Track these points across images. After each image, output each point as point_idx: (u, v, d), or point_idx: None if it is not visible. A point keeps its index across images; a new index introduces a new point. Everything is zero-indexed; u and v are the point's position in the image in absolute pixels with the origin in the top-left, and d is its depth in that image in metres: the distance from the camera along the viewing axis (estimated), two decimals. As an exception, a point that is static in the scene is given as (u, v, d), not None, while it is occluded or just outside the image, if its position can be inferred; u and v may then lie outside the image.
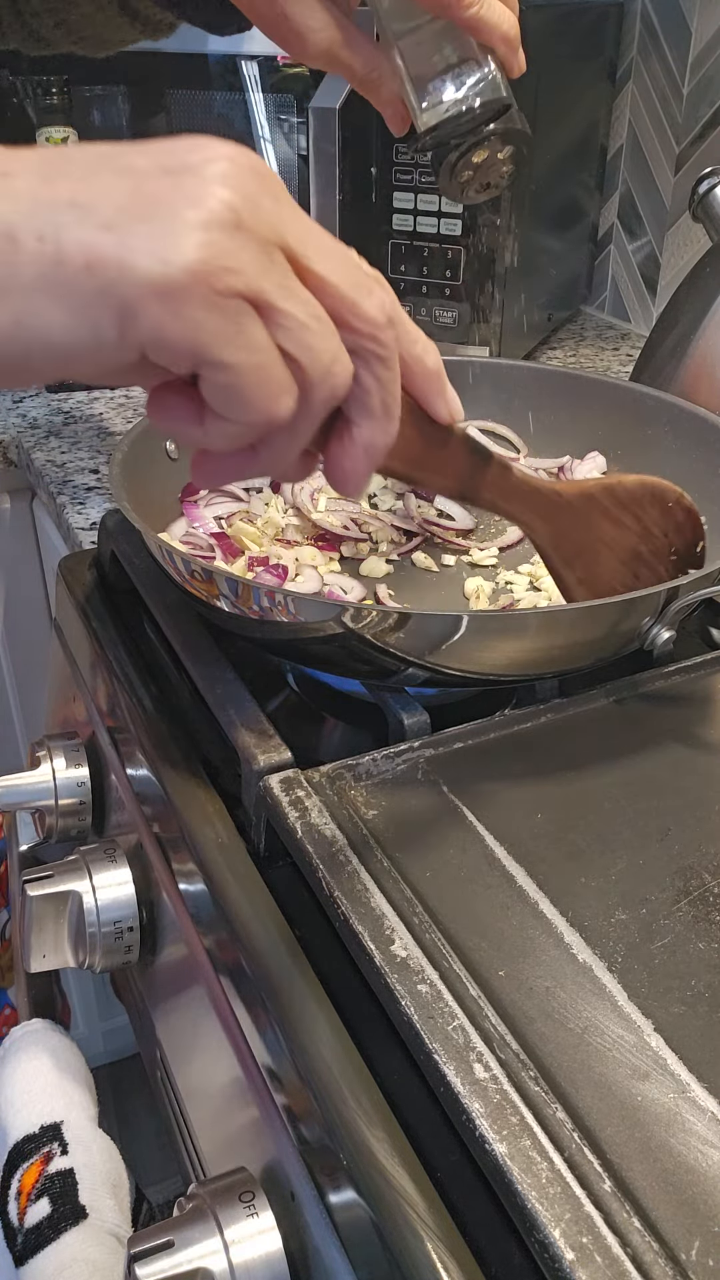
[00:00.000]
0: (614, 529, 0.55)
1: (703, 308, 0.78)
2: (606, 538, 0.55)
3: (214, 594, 0.53)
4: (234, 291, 0.33)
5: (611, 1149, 0.34)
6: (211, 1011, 0.49)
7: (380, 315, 0.37)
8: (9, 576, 1.10)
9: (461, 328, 1.00)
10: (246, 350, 0.34)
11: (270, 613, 0.51)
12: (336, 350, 0.37)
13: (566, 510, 0.54)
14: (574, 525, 0.54)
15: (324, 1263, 0.38)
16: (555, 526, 0.54)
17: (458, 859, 0.45)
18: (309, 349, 0.35)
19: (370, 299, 0.37)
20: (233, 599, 0.52)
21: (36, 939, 0.59)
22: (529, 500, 0.52)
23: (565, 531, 0.54)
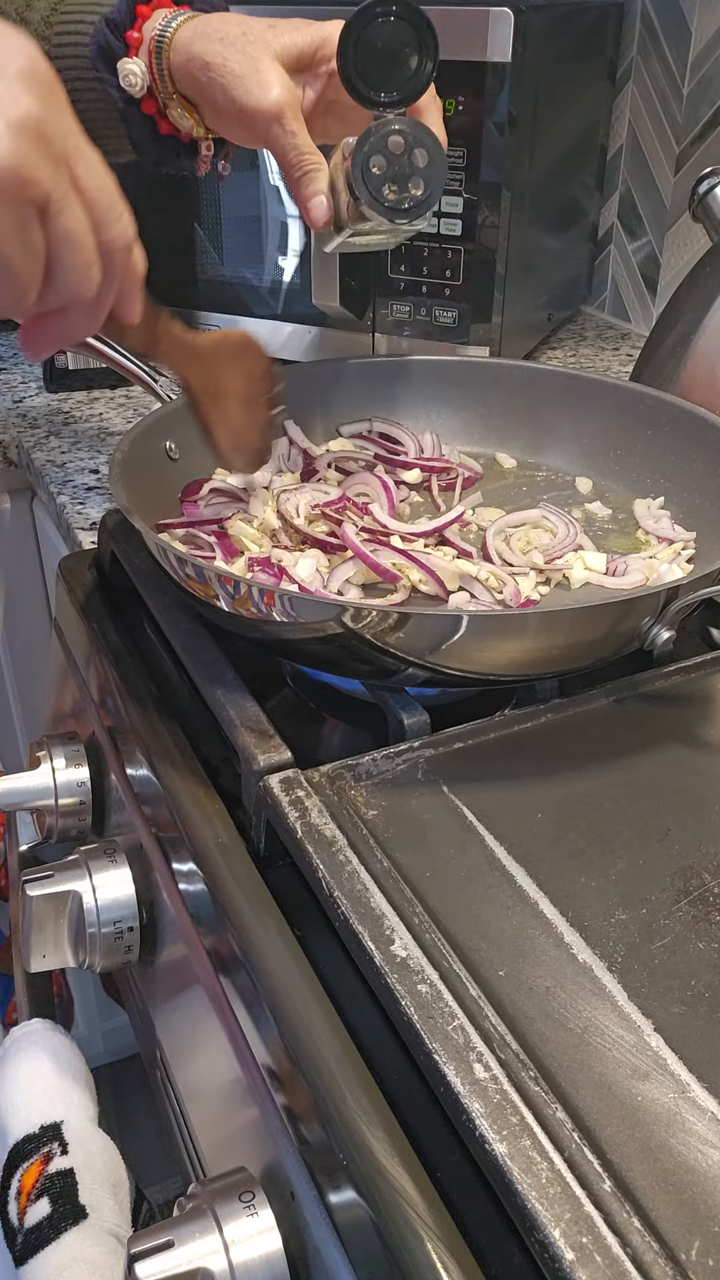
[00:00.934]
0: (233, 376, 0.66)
1: (703, 308, 0.78)
2: (230, 384, 0.66)
3: (213, 594, 0.53)
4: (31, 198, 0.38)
5: (611, 1149, 0.34)
6: (211, 1011, 0.49)
7: (121, 238, 0.44)
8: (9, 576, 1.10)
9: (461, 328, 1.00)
10: (20, 247, 0.39)
11: (270, 613, 0.51)
12: (93, 264, 0.43)
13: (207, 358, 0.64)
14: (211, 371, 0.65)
15: (324, 1263, 0.38)
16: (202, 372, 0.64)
17: (458, 859, 0.45)
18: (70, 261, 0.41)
19: (119, 222, 0.43)
20: (231, 599, 0.52)
21: (36, 939, 0.59)
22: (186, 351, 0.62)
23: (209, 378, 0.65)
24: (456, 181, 0.94)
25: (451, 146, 0.93)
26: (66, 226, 0.40)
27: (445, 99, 0.91)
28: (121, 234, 0.44)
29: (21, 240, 0.39)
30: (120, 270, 0.46)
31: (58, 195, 0.39)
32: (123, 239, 0.44)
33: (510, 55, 0.87)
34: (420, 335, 1.02)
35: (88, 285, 0.43)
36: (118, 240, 0.44)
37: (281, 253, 1.05)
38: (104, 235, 0.43)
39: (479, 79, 0.89)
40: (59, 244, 0.41)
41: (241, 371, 0.67)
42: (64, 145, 0.40)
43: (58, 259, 0.41)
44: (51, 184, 0.39)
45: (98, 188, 0.42)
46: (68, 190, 0.40)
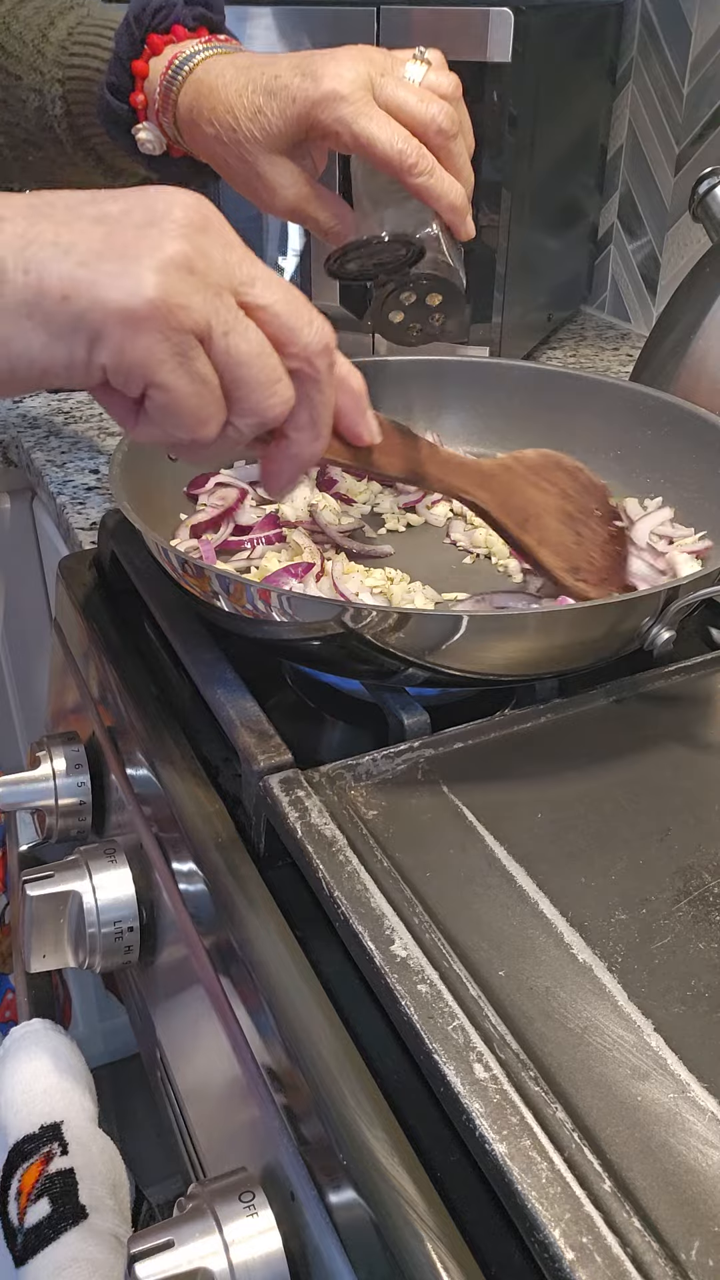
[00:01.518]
0: (539, 494, 0.62)
1: (703, 308, 0.78)
2: (538, 501, 0.61)
3: (214, 594, 0.53)
4: (184, 326, 0.39)
5: (611, 1149, 0.34)
6: (211, 1011, 0.49)
7: (318, 343, 0.44)
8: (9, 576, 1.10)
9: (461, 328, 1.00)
10: (187, 378, 0.40)
11: (269, 613, 0.51)
12: (277, 382, 0.43)
13: (495, 479, 0.60)
14: (508, 492, 0.61)
15: (324, 1263, 0.38)
16: (495, 495, 0.60)
17: (458, 859, 0.45)
18: (246, 383, 0.42)
19: (309, 329, 0.43)
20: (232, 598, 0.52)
21: (36, 939, 0.59)
22: (465, 473, 0.59)
23: (504, 498, 0.60)
24: (456, 181, 0.94)
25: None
26: (233, 347, 0.41)
27: (445, 99, 0.91)
28: (315, 340, 0.44)
29: (185, 370, 0.40)
30: (325, 377, 0.45)
31: (218, 319, 0.40)
32: (318, 344, 0.44)
33: (510, 55, 0.87)
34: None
35: (275, 401, 0.43)
36: (312, 346, 0.43)
37: (281, 253, 1.05)
38: (293, 346, 0.43)
39: (479, 79, 0.89)
40: (229, 366, 0.41)
41: (549, 489, 0.63)
42: (226, 276, 0.41)
43: (233, 382, 0.42)
44: (208, 310, 0.40)
45: (276, 302, 0.42)
46: (231, 313, 0.41)
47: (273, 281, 0.43)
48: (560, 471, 0.63)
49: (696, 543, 0.66)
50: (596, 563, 0.62)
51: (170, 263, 0.39)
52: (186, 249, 0.39)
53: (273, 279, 0.43)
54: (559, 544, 0.61)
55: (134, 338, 0.39)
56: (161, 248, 0.39)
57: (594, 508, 0.63)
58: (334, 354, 0.45)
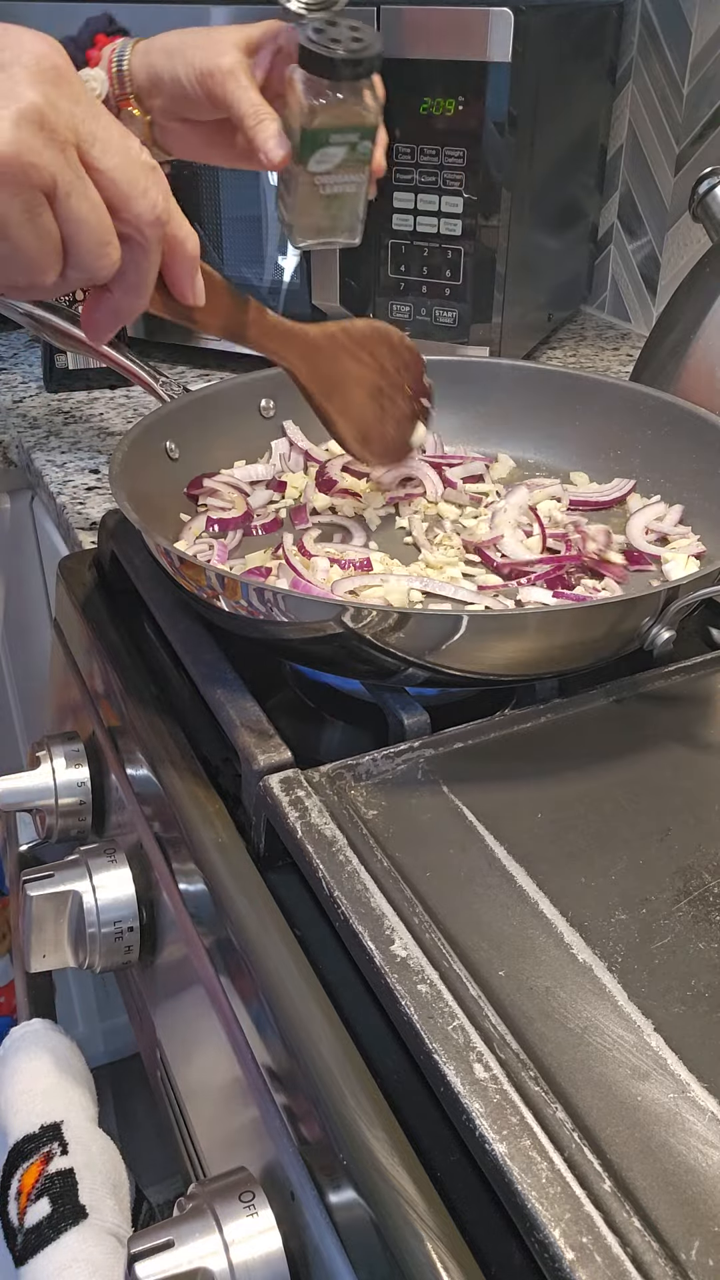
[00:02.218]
0: (356, 366, 0.65)
1: (703, 308, 0.78)
2: (352, 374, 0.65)
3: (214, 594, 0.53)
4: (34, 182, 0.41)
5: (611, 1149, 0.34)
6: (211, 1011, 0.49)
7: (149, 213, 0.45)
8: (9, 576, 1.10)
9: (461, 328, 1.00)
10: (33, 232, 0.42)
11: (269, 613, 0.51)
12: (107, 244, 0.45)
13: (316, 348, 0.63)
14: (325, 362, 0.63)
15: (324, 1263, 0.38)
16: (310, 365, 0.63)
17: (458, 859, 0.45)
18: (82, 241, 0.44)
19: (143, 199, 0.45)
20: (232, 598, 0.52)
21: (36, 939, 0.59)
22: (287, 339, 0.61)
23: (318, 368, 0.63)
24: (456, 181, 0.94)
25: (451, 146, 0.93)
26: (74, 207, 0.42)
27: (445, 99, 0.91)
28: (147, 210, 0.45)
29: (31, 224, 0.42)
30: (152, 245, 0.47)
31: (64, 179, 0.41)
32: (149, 214, 0.45)
33: (510, 55, 0.87)
34: (420, 335, 1.02)
35: (105, 263, 0.45)
36: (144, 216, 0.45)
37: (281, 252, 1.05)
38: (126, 213, 0.44)
39: (479, 79, 0.89)
40: (69, 225, 0.43)
41: (367, 361, 0.66)
42: (73, 131, 0.42)
43: (71, 239, 0.44)
44: (55, 168, 0.41)
45: (115, 167, 0.44)
46: (76, 173, 0.42)
47: (114, 143, 0.44)
48: (384, 346, 0.66)
49: (695, 543, 0.66)
50: (388, 436, 0.68)
51: (23, 116, 0.40)
52: (39, 101, 0.40)
53: (114, 140, 0.44)
54: (359, 416, 0.66)
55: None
56: (15, 97, 0.40)
57: (406, 384, 0.67)
58: (165, 223, 0.47)
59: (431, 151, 0.93)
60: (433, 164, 0.94)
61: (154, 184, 0.46)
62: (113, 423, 1.03)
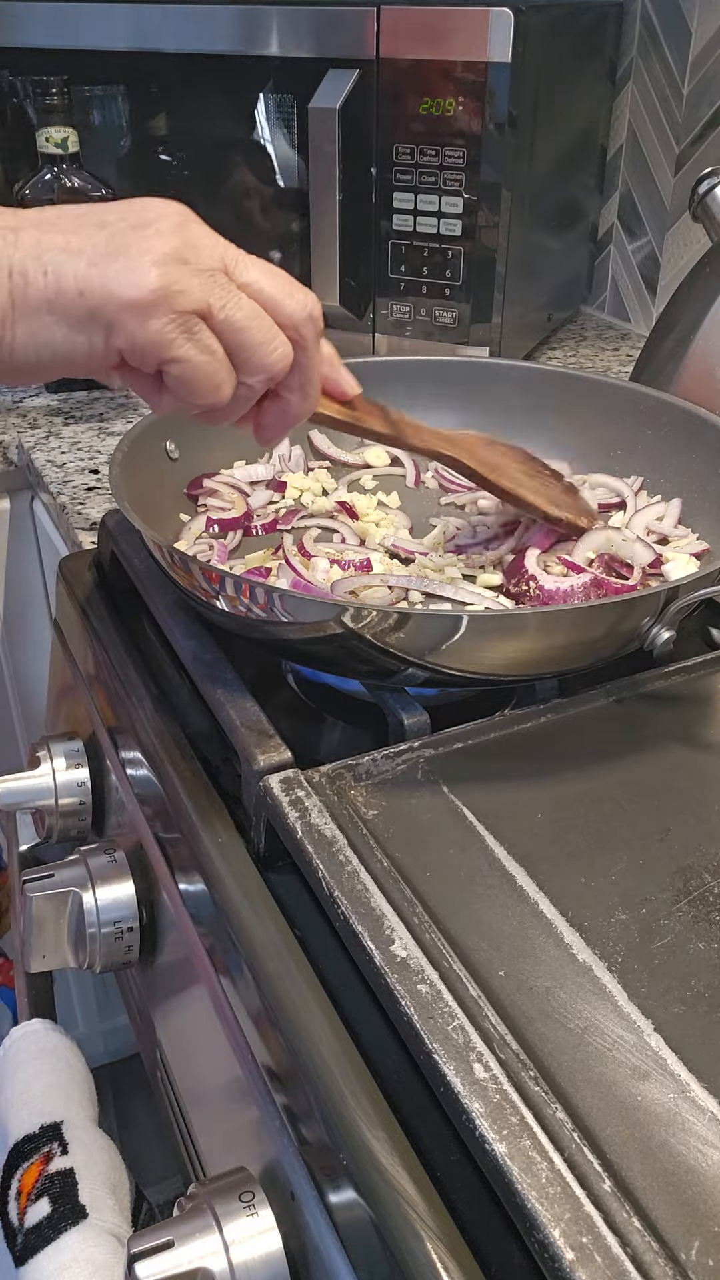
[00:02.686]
0: (497, 455, 0.67)
1: (703, 308, 0.78)
2: (500, 459, 0.67)
3: (214, 594, 0.53)
4: (185, 307, 0.45)
5: (611, 1149, 0.34)
6: (211, 1011, 0.49)
7: (300, 311, 0.49)
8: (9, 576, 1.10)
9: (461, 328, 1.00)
10: (196, 349, 0.46)
11: (269, 613, 0.51)
12: (274, 339, 0.48)
13: (462, 441, 0.65)
14: (476, 450, 0.66)
15: (324, 1263, 0.38)
16: (467, 451, 0.65)
17: (458, 859, 0.45)
18: (248, 345, 0.47)
19: (291, 299, 0.48)
20: (233, 599, 0.52)
21: (36, 939, 0.59)
22: (436, 436, 0.64)
23: (475, 454, 0.65)
24: (456, 181, 0.94)
25: (451, 146, 0.93)
26: (230, 317, 0.46)
27: (445, 99, 0.91)
28: (300, 308, 0.49)
29: (194, 342, 0.46)
30: (312, 339, 0.50)
31: (215, 297, 0.46)
32: (302, 312, 0.49)
33: (510, 55, 0.87)
34: (420, 335, 1.02)
35: (275, 357, 0.48)
36: (298, 313, 0.49)
37: (281, 252, 1.05)
38: (280, 313, 0.48)
39: (479, 79, 0.89)
40: (230, 333, 0.47)
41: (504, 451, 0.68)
42: (216, 259, 0.47)
43: (237, 346, 0.47)
44: (204, 290, 0.45)
45: (259, 278, 0.48)
46: (224, 289, 0.46)
47: (255, 262, 0.49)
48: (501, 445, 0.69)
49: (695, 543, 0.66)
50: (568, 503, 0.68)
51: (166, 256, 0.45)
52: (178, 243, 0.46)
53: (255, 260, 0.49)
54: (533, 487, 0.67)
55: (144, 323, 0.45)
56: (157, 245, 0.45)
57: (542, 469, 0.69)
58: (318, 321, 0.50)
59: (431, 151, 0.93)
60: (433, 164, 0.94)
61: (299, 287, 0.49)
62: (113, 423, 1.03)
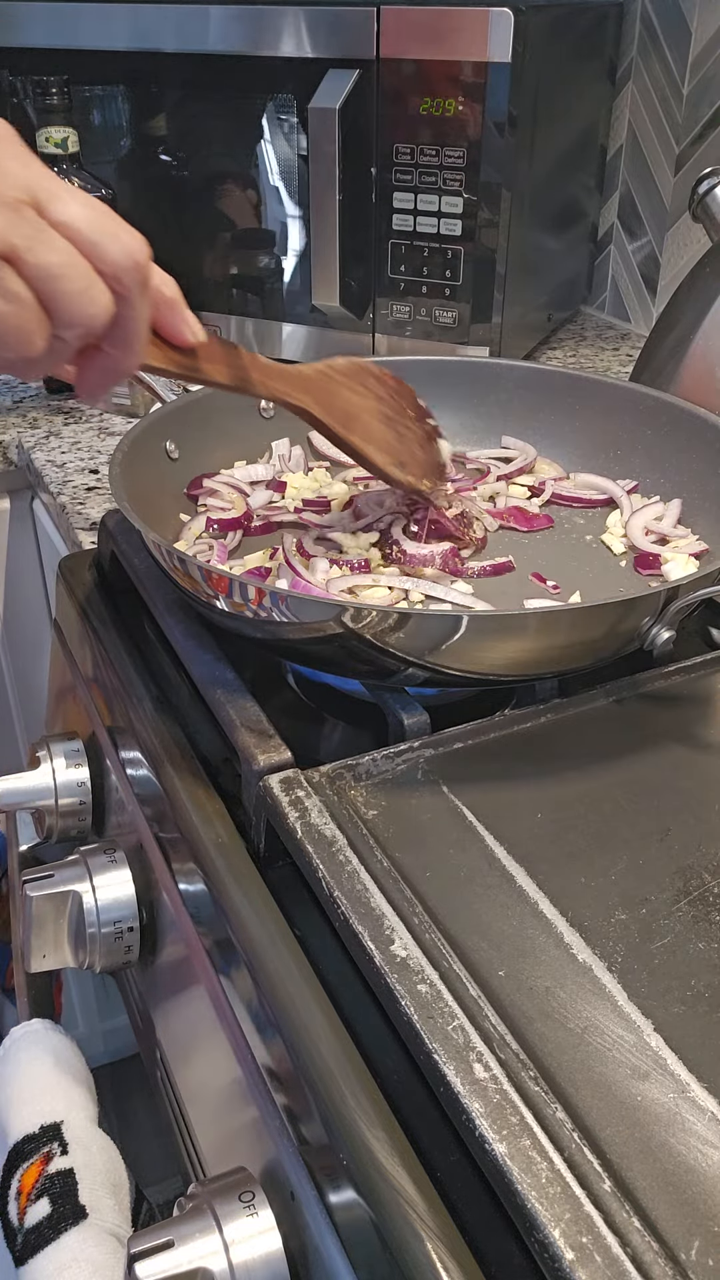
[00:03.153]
0: (356, 397, 0.63)
1: (703, 308, 0.78)
2: (356, 404, 0.63)
3: (214, 594, 0.53)
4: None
5: (611, 1149, 0.34)
6: (211, 1011, 0.49)
7: (124, 257, 0.42)
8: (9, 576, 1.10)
9: (461, 328, 1.00)
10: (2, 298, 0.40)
11: (269, 613, 0.51)
12: (90, 288, 0.42)
13: (316, 385, 0.61)
14: (328, 396, 0.61)
15: (324, 1263, 0.38)
16: (316, 398, 0.60)
17: (458, 859, 0.45)
18: (61, 294, 0.41)
19: (115, 244, 0.42)
20: (232, 598, 0.52)
21: (36, 939, 0.59)
22: (288, 380, 0.59)
23: (327, 402, 0.61)
24: (456, 181, 0.94)
25: (451, 146, 0.93)
26: (42, 261, 0.40)
27: (445, 99, 0.91)
28: (123, 254, 0.42)
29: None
30: (136, 289, 0.44)
31: (21, 235, 0.39)
32: (126, 259, 0.43)
33: (510, 55, 0.87)
34: (420, 335, 1.02)
35: (95, 309, 0.42)
36: (121, 260, 0.42)
37: (282, 252, 1.05)
38: (100, 259, 0.42)
39: (479, 79, 0.89)
40: (42, 281, 0.41)
41: (363, 392, 0.64)
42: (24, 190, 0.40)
43: (49, 295, 0.41)
44: (8, 229, 0.39)
45: (75, 218, 0.41)
46: (34, 228, 0.40)
47: (75, 194, 0.42)
48: (370, 377, 0.64)
49: (694, 543, 0.66)
50: (419, 457, 0.66)
51: None
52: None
53: (75, 193, 0.42)
54: (382, 441, 0.64)
55: None
56: None
57: (406, 408, 0.66)
58: (144, 268, 0.44)
59: (431, 151, 0.94)
60: (433, 164, 0.94)
61: (124, 229, 0.43)
62: (113, 423, 1.03)
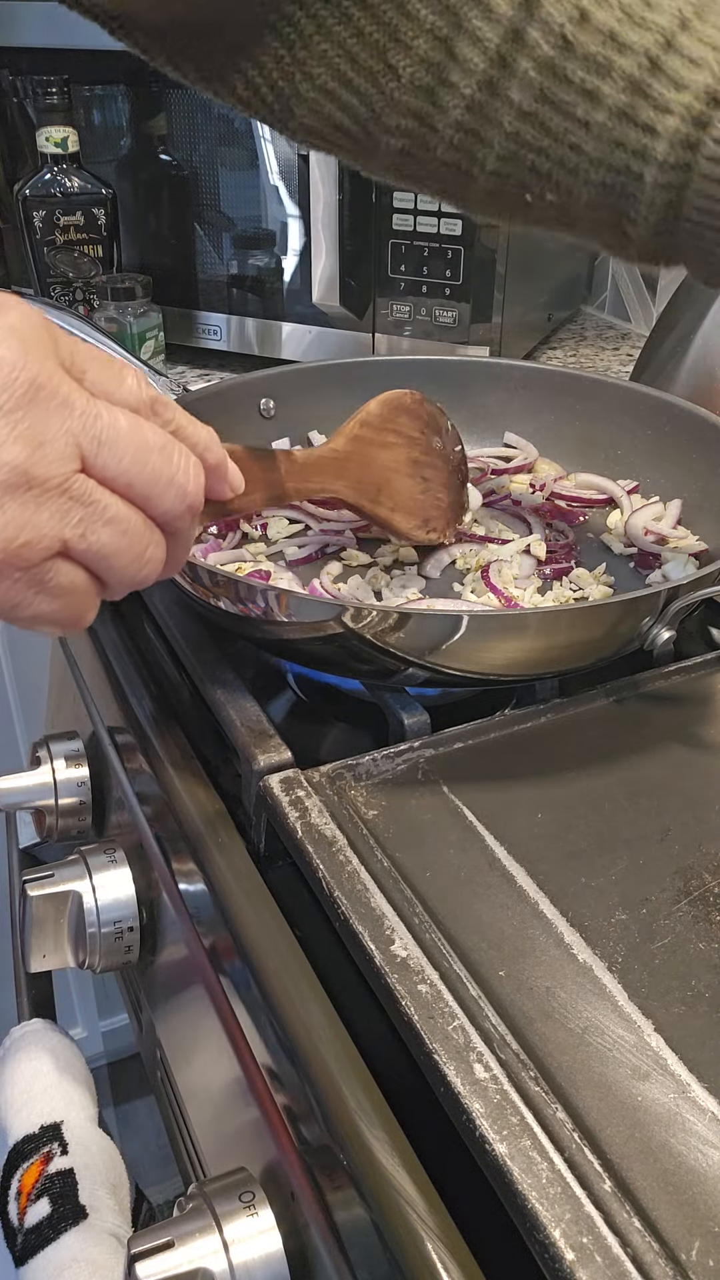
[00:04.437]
0: (387, 453, 0.63)
1: (703, 308, 0.78)
2: (388, 464, 0.63)
3: (214, 594, 0.53)
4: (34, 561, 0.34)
5: (611, 1149, 0.34)
6: (211, 1011, 0.49)
7: (178, 505, 0.38)
8: (9, 576, 1.10)
9: (461, 328, 1.00)
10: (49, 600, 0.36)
11: (270, 613, 0.51)
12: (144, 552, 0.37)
13: (348, 459, 0.61)
14: (359, 468, 0.61)
15: (324, 1263, 0.38)
16: (349, 480, 0.60)
17: (458, 859, 0.45)
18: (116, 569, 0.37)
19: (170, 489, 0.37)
20: (233, 599, 0.52)
21: (36, 939, 0.59)
22: (320, 469, 0.59)
23: (358, 479, 0.61)
24: (456, 181, 0.94)
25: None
26: (93, 545, 0.35)
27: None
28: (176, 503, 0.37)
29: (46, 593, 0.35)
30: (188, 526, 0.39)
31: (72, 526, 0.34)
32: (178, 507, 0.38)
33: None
34: (420, 335, 1.02)
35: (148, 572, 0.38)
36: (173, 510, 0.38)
37: (282, 252, 1.05)
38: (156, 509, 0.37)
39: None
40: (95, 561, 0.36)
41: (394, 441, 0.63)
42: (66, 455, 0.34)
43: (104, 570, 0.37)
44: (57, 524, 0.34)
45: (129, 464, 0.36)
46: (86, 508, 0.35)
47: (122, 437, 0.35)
48: (403, 414, 0.64)
49: (695, 543, 0.66)
50: (443, 503, 0.66)
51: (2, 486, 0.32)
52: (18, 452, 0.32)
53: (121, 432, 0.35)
54: (410, 503, 0.64)
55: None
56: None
57: (434, 436, 0.66)
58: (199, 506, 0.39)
59: (431, 151, 0.93)
60: (433, 164, 0.94)
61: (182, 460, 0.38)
62: (113, 423, 1.02)
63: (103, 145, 1.08)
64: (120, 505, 0.36)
